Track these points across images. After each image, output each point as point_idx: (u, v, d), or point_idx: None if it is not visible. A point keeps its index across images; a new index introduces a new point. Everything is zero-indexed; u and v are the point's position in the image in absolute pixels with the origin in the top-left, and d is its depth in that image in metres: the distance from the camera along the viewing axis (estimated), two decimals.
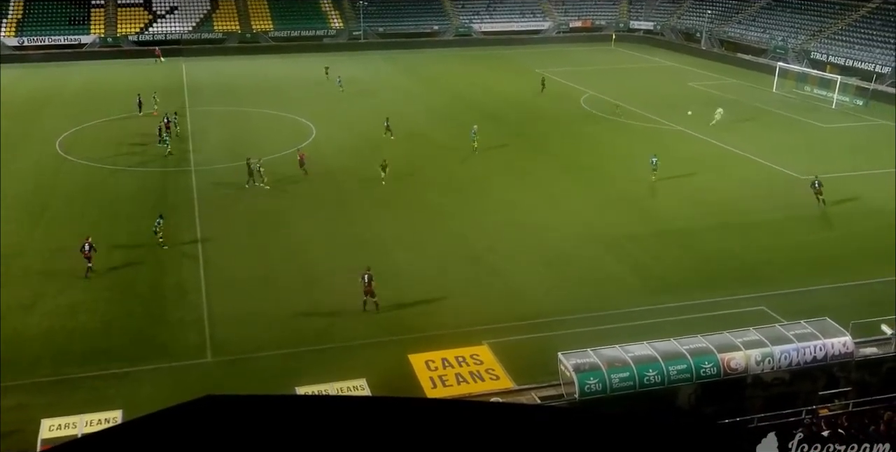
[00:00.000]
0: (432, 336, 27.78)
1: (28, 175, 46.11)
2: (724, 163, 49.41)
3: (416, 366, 24.73)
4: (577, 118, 61.44)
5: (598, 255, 35.48)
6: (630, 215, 40.33)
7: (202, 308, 30.43)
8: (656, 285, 32.54)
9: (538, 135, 55.51)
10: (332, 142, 53.29)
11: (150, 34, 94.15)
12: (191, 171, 47.09)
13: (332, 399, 7.04)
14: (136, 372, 25.99)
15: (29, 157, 49.70)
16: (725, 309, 30.05)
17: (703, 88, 73.38)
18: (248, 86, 74.25)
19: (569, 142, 54.24)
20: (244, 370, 26.22)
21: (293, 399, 5.64)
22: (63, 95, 69.69)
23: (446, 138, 54.23)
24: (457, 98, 68.48)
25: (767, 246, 36.42)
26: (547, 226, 38.48)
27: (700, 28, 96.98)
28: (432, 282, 32.57)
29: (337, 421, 4.73)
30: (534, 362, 25.74)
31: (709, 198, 42.74)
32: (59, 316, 29.60)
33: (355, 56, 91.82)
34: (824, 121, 60.56)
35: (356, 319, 29.50)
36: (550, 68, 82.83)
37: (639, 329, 27.97)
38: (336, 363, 26.18)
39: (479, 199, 42.22)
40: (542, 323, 29.03)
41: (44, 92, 69.58)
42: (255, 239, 36.92)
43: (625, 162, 49.21)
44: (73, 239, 36.69)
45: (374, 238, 37.12)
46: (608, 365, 23.03)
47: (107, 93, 70.26)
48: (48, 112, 62.11)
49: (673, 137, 55.66)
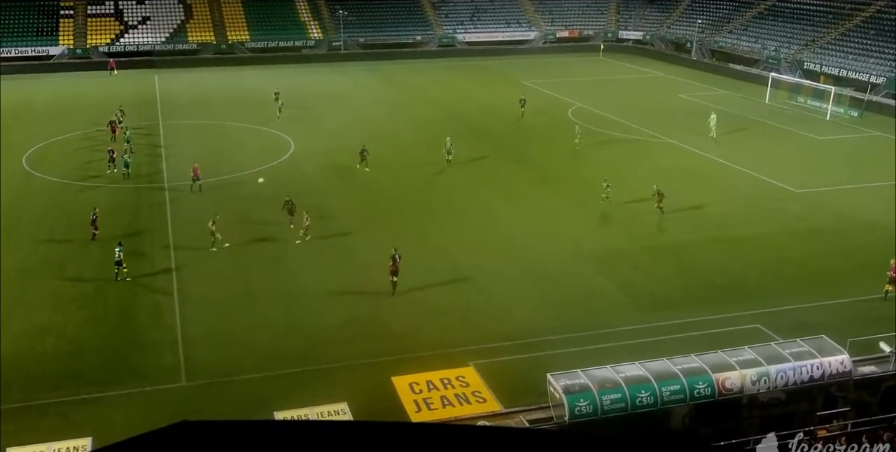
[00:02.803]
0: (416, 357, 27.72)
1: None
2: (716, 176, 49.77)
3: (400, 389, 24.69)
4: (564, 131, 61.73)
5: (586, 272, 35.58)
6: (618, 230, 40.53)
7: (176, 329, 30.29)
8: (647, 302, 32.66)
9: (523, 148, 55.76)
10: (310, 157, 53.32)
11: (122, 45, 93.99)
12: (164, 188, 46.97)
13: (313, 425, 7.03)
14: (107, 397, 25.82)
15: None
16: (719, 327, 30.14)
17: (694, 99, 73.91)
18: (223, 98, 74.19)
19: (556, 155, 54.47)
20: (221, 394, 26.09)
21: (272, 424, 5.65)
22: (30, 109, 69.36)
23: (427, 151, 54.37)
24: (440, 110, 68.67)
25: (761, 261, 36.65)
26: (532, 241, 38.59)
27: (690, 38, 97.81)
28: (415, 301, 32.56)
29: (318, 448, 4.76)
30: (522, 384, 25.76)
31: (700, 212, 43.00)
32: (27, 340, 29.36)
33: (335, 67, 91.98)
34: (819, 133, 61.17)
35: (337, 340, 29.42)
36: (537, 79, 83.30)
37: (630, 348, 28.02)
38: (317, 386, 26.09)
39: (463, 215, 42.31)
40: (530, 343, 29.06)
41: (10, 105, 69.18)
42: (232, 256, 36.82)
43: (613, 175, 49.35)
44: (41, 258, 36.57)
45: (354, 254, 37.10)
46: (599, 387, 23.06)
47: (76, 107, 69.97)
48: (15, 126, 61.80)
49: (663, 150, 56.01)
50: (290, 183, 47.37)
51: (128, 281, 34.14)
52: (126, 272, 34.41)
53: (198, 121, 64.52)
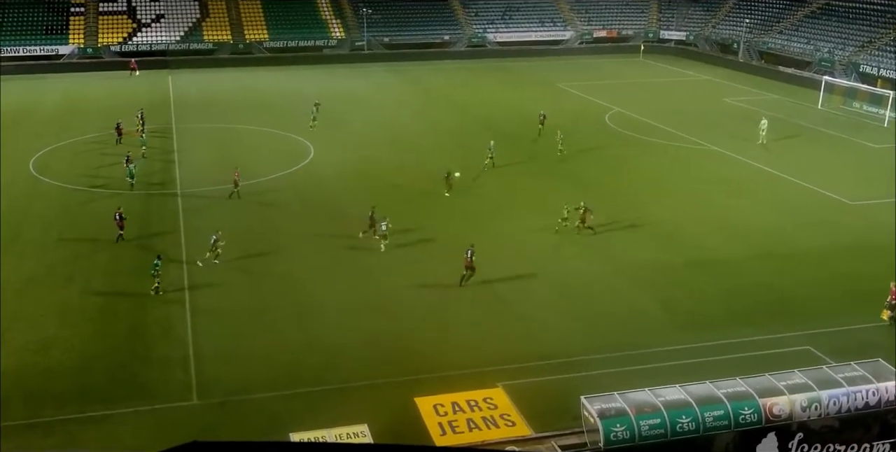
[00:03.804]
0: (441, 377, 27.75)
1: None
2: (763, 185, 49.49)
3: (424, 411, 24.72)
4: (600, 137, 61.68)
5: (623, 288, 35.45)
6: (658, 243, 40.36)
7: (188, 344, 30.51)
8: (688, 321, 32.48)
9: (557, 155, 55.69)
10: (331, 164, 53.64)
11: (134, 44, 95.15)
12: (177, 194, 47.44)
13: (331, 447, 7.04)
14: (115, 415, 26.03)
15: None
16: (766, 348, 29.94)
17: (741, 104, 73.58)
18: (240, 101, 74.82)
19: (591, 163, 54.45)
20: (234, 413, 26.22)
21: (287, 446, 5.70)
22: (38, 111, 70.36)
23: (453, 158, 54.49)
24: (468, 115, 68.84)
25: (812, 278, 36.34)
26: (566, 254, 38.50)
27: (737, 38, 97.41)
28: (440, 318, 32.59)
29: None
30: (554, 407, 25.71)
31: (746, 225, 42.74)
32: (31, 353, 29.69)
33: (358, 68, 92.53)
34: (875, 141, 60.64)
35: (357, 358, 29.49)
36: (572, 82, 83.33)
37: (670, 370, 27.88)
38: (335, 406, 26.16)
39: (490, 225, 42.27)
40: (563, 363, 28.98)
41: (16, 107, 70.24)
42: (246, 269, 37.06)
43: (653, 185, 49.34)
44: (47, 268, 37.00)
45: (375, 267, 37.22)
46: (636, 411, 22.97)
47: (86, 109, 70.87)
48: (21, 128, 62.68)
49: (706, 157, 55.81)
50: (309, 189, 47.76)
51: (160, 295, 34.24)
52: (158, 286, 34.41)
53: (213, 124, 65.11)
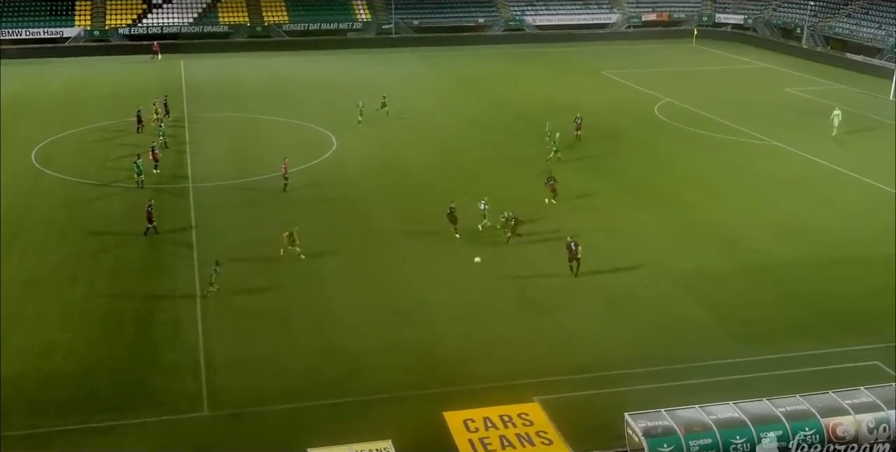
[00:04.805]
0: (472, 390, 27.70)
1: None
2: (829, 185, 49.03)
3: (453, 426, 24.71)
4: (649, 130, 61.36)
5: (671, 295, 35.25)
6: (710, 247, 40.08)
7: (199, 350, 30.68)
8: (743, 332, 32.24)
9: (601, 150, 55.47)
10: (355, 157, 53.80)
11: (144, 27, 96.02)
12: (188, 188, 47.81)
13: None
14: (119, 426, 26.19)
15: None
16: (829, 363, 29.65)
17: (804, 94, 73.01)
18: (257, 88, 75.35)
19: (638, 158, 54.17)
20: (247, 426, 26.30)
21: None
22: (41, 98, 71.17)
23: (489, 153, 54.50)
24: (503, 105, 68.77)
25: (881, 287, 35.88)
26: (608, 258, 38.27)
27: (801, 23, 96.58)
28: (471, 326, 32.55)
29: None
30: (595, 424, 25.61)
31: (807, 228, 42.35)
32: (31, 359, 29.96)
33: (384, 54, 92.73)
34: None
35: (381, 367, 29.53)
36: (618, 69, 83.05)
37: (723, 385, 27.74)
38: (357, 420, 26.20)
39: (525, 226, 42.11)
40: (605, 376, 28.86)
41: (19, 93, 71.10)
42: (261, 270, 37.24)
43: (705, 183, 49.02)
44: (50, 267, 37.37)
45: (400, 270, 37.27)
46: (686, 430, 22.87)
47: (92, 96, 71.69)
48: (24, 116, 63.42)
49: (766, 153, 55.36)
50: (330, 184, 47.90)
51: (211, 294, 34.43)
52: (216, 290, 34.41)
53: (228, 113, 65.56)
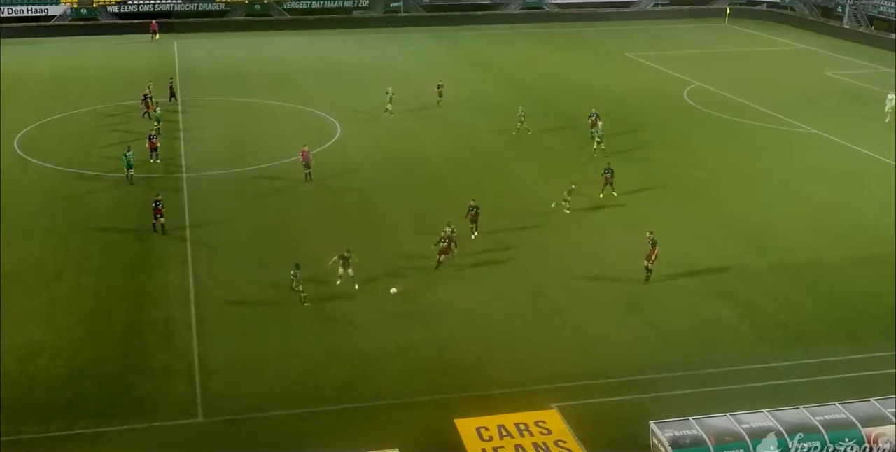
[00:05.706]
0: (486, 395, 27.78)
1: None
2: (871, 178, 48.84)
3: (465, 435, 24.78)
4: (678, 117, 61.22)
5: (699, 295, 35.23)
6: (741, 244, 40.01)
7: (192, 352, 30.78)
8: (777, 336, 32.22)
9: (626, 139, 55.33)
10: (360, 144, 53.89)
11: (135, 4, 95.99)
12: (182, 178, 47.95)
13: None
14: (108, 433, 26.30)
15: None
16: (871, 369, 29.61)
17: (846, 78, 72.75)
18: (256, 71, 75.42)
19: (666, 148, 54.07)
20: (244, 433, 26.40)
21: None
22: (24, 80, 71.32)
23: (505, 142, 54.53)
24: (521, 90, 68.61)
25: None
26: (631, 255, 38.20)
27: (842, 1, 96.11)
28: (486, 327, 32.58)
29: None
30: (617, 432, 25.65)
31: (849, 224, 42.21)
32: (13, 361, 30.05)
33: (393, 34, 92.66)
34: None
35: (388, 371, 29.61)
36: (644, 51, 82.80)
37: (756, 392, 27.78)
38: (362, 427, 26.29)
39: (544, 221, 42.10)
40: (629, 382, 28.89)
41: (1, 75, 71.27)
42: (260, 265, 37.32)
43: (738, 174, 48.91)
44: (33, 263, 37.53)
45: (410, 268, 37.30)
46: (716, 440, 22.91)
47: (80, 78, 71.91)
48: (7, 100, 63.52)
49: (804, 142, 55.25)
50: (334, 175, 47.90)
51: (306, 306, 33.78)
52: (305, 296, 33.95)
53: (224, 97, 65.64)
